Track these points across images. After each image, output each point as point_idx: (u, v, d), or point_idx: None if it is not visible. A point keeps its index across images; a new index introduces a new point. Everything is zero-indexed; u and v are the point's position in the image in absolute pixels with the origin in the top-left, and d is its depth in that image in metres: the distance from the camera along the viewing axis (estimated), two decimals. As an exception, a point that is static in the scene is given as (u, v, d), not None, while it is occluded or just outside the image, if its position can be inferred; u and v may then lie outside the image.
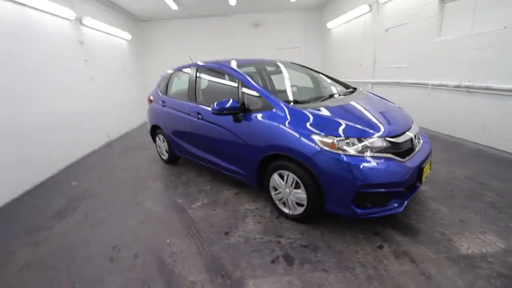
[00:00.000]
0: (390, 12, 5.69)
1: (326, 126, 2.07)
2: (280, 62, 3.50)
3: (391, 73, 5.85)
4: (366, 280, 1.71)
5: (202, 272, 1.90)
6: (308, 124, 2.11)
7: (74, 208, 3.05)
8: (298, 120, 2.18)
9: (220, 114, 2.57)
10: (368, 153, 1.95)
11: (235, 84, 2.75)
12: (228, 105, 2.47)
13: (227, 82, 2.95)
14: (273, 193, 2.49)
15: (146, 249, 2.21)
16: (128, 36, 7.80)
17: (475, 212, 2.33)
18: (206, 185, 3.36)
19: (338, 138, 1.97)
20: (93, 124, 5.60)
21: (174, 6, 7.29)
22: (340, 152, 1.94)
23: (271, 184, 2.47)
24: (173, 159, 4.14)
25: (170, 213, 2.76)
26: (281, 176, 2.33)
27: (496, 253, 1.84)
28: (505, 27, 3.43)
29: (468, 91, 4.01)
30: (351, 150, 1.94)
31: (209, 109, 2.90)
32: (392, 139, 2.06)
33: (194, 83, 3.32)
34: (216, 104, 2.52)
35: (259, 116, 2.42)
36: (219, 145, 2.94)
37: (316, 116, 2.17)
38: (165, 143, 4.04)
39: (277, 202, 2.49)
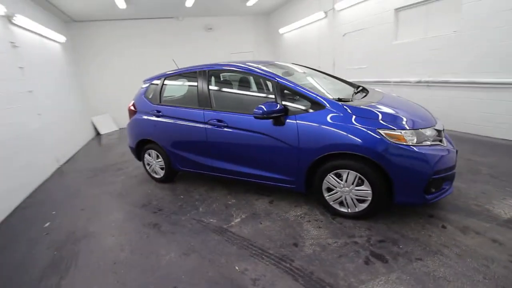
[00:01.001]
0: (346, 19, 6.32)
1: (389, 120, 2.15)
2: (282, 63, 3.47)
3: (352, 73, 6.49)
4: (460, 258, 1.82)
5: (303, 292, 1.71)
6: (370, 120, 2.15)
7: (71, 258, 2.35)
8: (359, 116, 2.20)
9: (266, 118, 2.40)
10: (428, 143, 2.11)
11: (267, 86, 2.60)
12: (277, 107, 2.32)
13: (254, 84, 2.76)
14: (326, 194, 2.44)
15: (218, 283, 1.86)
16: (62, 39, 6.51)
17: (486, 183, 2.78)
18: (229, 199, 3.06)
19: (404, 131, 2.07)
20: (40, 146, 4.45)
21: (122, 5, 6.43)
22: (410, 144, 2.04)
23: (324, 186, 2.42)
24: (171, 176, 3.63)
25: (211, 236, 2.40)
26: (338, 176, 2.31)
27: (526, 213, 2.24)
28: (454, 31, 4.23)
29: (428, 85, 4.77)
30: (416, 141, 2.07)
31: (238, 115, 2.69)
32: (436, 128, 2.28)
33: (206, 88, 2.99)
34: (265, 107, 2.35)
35: (309, 116, 2.35)
36: (252, 153, 2.72)
37: (374, 111, 2.23)
38: (160, 159, 3.51)
39: (331, 203, 2.44)
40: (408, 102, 2.85)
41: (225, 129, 2.79)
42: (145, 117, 3.49)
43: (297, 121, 2.38)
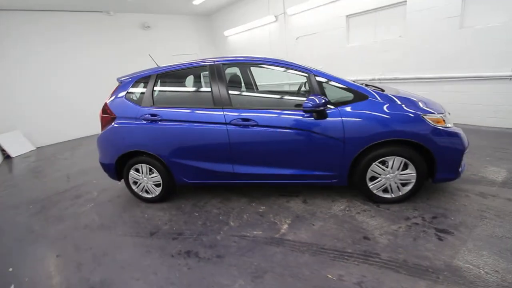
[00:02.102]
0: (299, 23, 6.70)
1: (427, 106, 2.34)
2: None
3: (307, 74, 6.91)
4: (499, 218, 2.13)
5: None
6: (412, 107, 2.30)
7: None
8: (401, 104, 2.31)
9: (314, 111, 2.26)
10: (451, 124, 2.41)
11: (299, 79, 2.47)
12: (325, 100, 2.21)
13: (285, 78, 2.56)
14: (370, 183, 2.48)
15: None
16: None
17: (485, 156, 3.33)
18: (256, 206, 2.74)
19: (441, 115, 2.30)
20: None
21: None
22: (448, 125, 2.28)
23: (368, 175, 2.45)
24: (169, 194, 3.02)
25: (270, 249, 2.09)
26: (382, 163, 2.38)
27: None
28: (400, 36, 5.03)
29: (380, 82, 5.52)
30: (449, 123, 2.33)
31: (272, 112, 2.47)
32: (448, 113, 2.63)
33: (224, 85, 2.60)
34: (317, 99, 2.20)
35: (354, 107, 2.34)
36: (288, 152, 2.52)
37: (412, 99, 2.39)
38: (155, 174, 2.87)
39: (375, 191, 2.49)
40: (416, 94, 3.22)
41: (255, 128, 2.50)
42: (131, 124, 2.79)
43: (341, 113, 2.34)
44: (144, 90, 2.85)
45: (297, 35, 6.84)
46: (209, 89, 2.66)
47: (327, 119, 2.35)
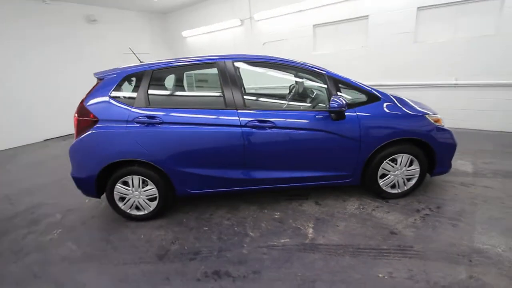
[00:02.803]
0: (266, 29, 6.79)
1: (425, 107, 2.58)
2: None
3: (274, 79, 7.03)
4: (487, 203, 2.47)
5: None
6: (415, 108, 2.51)
7: None
8: (407, 105, 2.50)
9: (337, 112, 2.25)
10: (442, 124, 2.72)
11: (316, 81, 2.46)
12: (346, 101, 2.22)
13: (300, 79, 2.49)
14: (380, 181, 2.59)
15: None
16: None
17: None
18: (269, 213, 2.59)
19: (438, 115, 2.56)
20: None
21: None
22: (443, 125, 2.55)
23: (379, 173, 2.56)
24: (165, 207, 2.62)
25: (308, 257, 1.97)
26: (392, 161, 2.52)
27: None
28: (362, 46, 5.55)
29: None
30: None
31: (291, 113, 2.40)
32: None
33: (237, 83, 2.39)
34: (342, 100, 2.18)
35: (369, 108, 2.43)
36: (306, 154, 2.46)
37: (413, 100, 2.60)
38: (150, 186, 2.46)
39: (384, 188, 2.62)
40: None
41: (272, 130, 2.36)
42: (120, 128, 2.33)
43: (358, 114, 2.40)
44: (135, 88, 2.43)
45: (264, 40, 6.91)
46: (218, 89, 2.43)
47: (345, 119, 2.38)
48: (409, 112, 2.47)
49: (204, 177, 2.47)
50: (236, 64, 2.46)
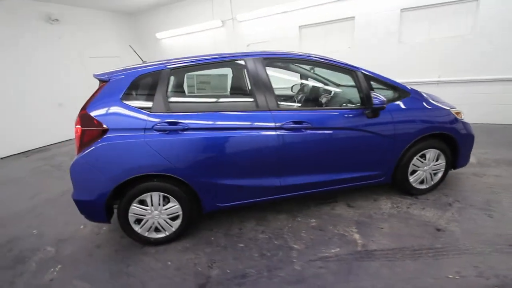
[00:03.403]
0: (250, 30, 6.63)
1: (445, 102, 2.62)
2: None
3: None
4: (506, 190, 2.60)
5: None
6: (440, 103, 2.54)
7: None
8: (434, 101, 2.52)
9: (375, 110, 2.18)
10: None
11: (346, 78, 2.35)
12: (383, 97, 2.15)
13: (329, 76, 2.35)
14: (411, 178, 2.57)
15: None
16: None
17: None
18: (303, 221, 2.41)
19: (456, 109, 2.63)
20: None
21: None
22: (463, 118, 2.62)
23: (410, 169, 2.53)
24: (188, 226, 2.28)
25: (369, 265, 1.84)
26: (422, 157, 2.52)
27: None
28: (349, 47, 5.67)
29: (333, 88, 6.04)
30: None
31: (326, 112, 2.27)
32: None
33: (267, 82, 2.17)
34: (381, 97, 2.10)
35: (402, 104, 2.39)
36: (340, 155, 2.34)
37: (436, 95, 2.62)
38: (173, 204, 2.13)
39: (414, 184, 2.60)
40: None
41: (308, 132, 2.19)
42: (136, 137, 1.97)
43: (391, 111, 2.35)
44: (151, 90, 2.08)
45: (248, 42, 6.74)
46: (246, 89, 2.19)
47: (379, 117, 2.31)
48: (437, 107, 2.49)
49: (235, 188, 2.21)
50: (267, 61, 2.24)
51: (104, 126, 1.96)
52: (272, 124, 2.13)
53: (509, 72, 4.43)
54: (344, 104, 2.58)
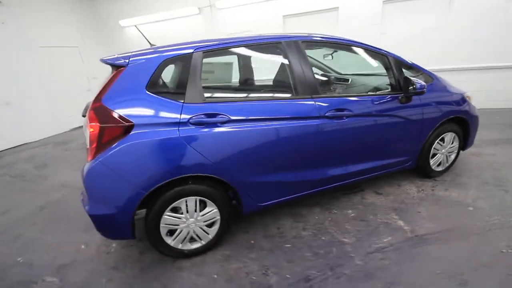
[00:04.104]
0: (230, 18, 6.28)
1: (456, 87, 2.74)
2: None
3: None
4: (504, 167, 2.84)
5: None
6: (454, 88, 2.64)
7: None
8: (450, 86, 2.60)
9: (410, 95, 2.20)
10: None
11: (377, 63, 2.30)
12: None
13: (366, 61, 2.26)
14: (431, 161, 2.65)
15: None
16: None
17: None
18: (339, 213, 2.32)
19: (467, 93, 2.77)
20: None
21: None
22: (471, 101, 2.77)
23: (432, 152, 2.60)
24: (226, 229, 2.03)
25: (428, 251, 1.82)
26: (441, 140, 2.61)
27: None
28: (333, 38, 5.73)
29: (318, 79, 6.08)
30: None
31: (365, 98, 2.20)
32: None
33: (307, 67, 2.00)
34: (420, 81, 2.07)
35: (427, 89, 2.40)
36: (375, 142, 2.30)
37: (447, 81, 2.72)
38: (211, 208, 1.86)
39: (433, 167, 2.69)
40: None
41: (350, 119, 2.09)
42: (170, 133, 1.65)
43: (419, 96, 2.36)
44: (182, 77, 1.75)
45: (228, 31, 6.38)
46: (284, 73, 2.00)
47: (411, 102, 2.31)
48: (455, 91, 2.59)
49: (277, 184, 2.02)
50: (305, 44, 2.06)
51: (129, 121, 1.59)
52: (315, 112, 1.97)
53: (488, 61, 4.90)
54: (371, 91, 2.53)
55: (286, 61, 1.99)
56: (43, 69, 6.16)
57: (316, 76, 2.14)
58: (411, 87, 2.16)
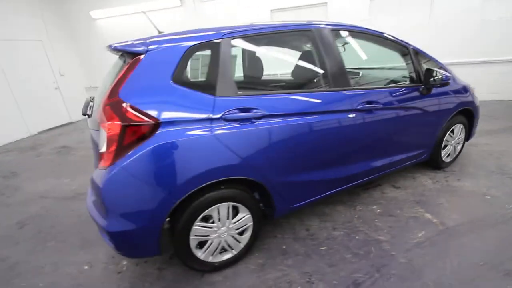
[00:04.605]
0: (214, 12, 6.01)
1: (461, 79, 2.81)
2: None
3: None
4: (503, 155, 3.00)
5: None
6: (457, 79, 2.69)
7: None
8: (459, 77, 2.65)
9: (431, 87, 2.20)
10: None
11: (400, 55, 2.26)
12: None
13: (388, 53, 2.20)
14: (442, 152, 2.68)
15: None
16: None
17: None
18: (365, 210, 2.26)
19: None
20: None
21: None
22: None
23: (444, 143, 2.64)
24: (257, 236, 1.85)
25: (462, 241, 1.81)
26: (451, 132, 2.66)
27: None
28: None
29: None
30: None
31: (391, 90, 2.15)
32: None
33: (338, 57, 1.87)
34: (445, 73, 2.05)
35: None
36: (403, 134, 2.27)
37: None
38: (244, 214, 1.68)
39: (444, 158, 2.73)
40: None
41: (378, 112, 2.01)
42: (202, 130, 1.43)
43: (436, 88, 2.37)
44: (212, 67, 1.53)
45: (212, 25, 6.08)
46: (315, 63, 1.86)
47: (430, 94, 2.30)
48: (463, 84, 2.65)
49: (309, 183, 1.89)
50: (334, 32, 1.93)
51: (155, 118, 1.34)
52: (348, 106, 1.87)
53: (467, 57, 5.18)
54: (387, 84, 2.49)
55: (321, 50, 1.85)
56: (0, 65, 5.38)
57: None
58: (432, 78, 2.15)
